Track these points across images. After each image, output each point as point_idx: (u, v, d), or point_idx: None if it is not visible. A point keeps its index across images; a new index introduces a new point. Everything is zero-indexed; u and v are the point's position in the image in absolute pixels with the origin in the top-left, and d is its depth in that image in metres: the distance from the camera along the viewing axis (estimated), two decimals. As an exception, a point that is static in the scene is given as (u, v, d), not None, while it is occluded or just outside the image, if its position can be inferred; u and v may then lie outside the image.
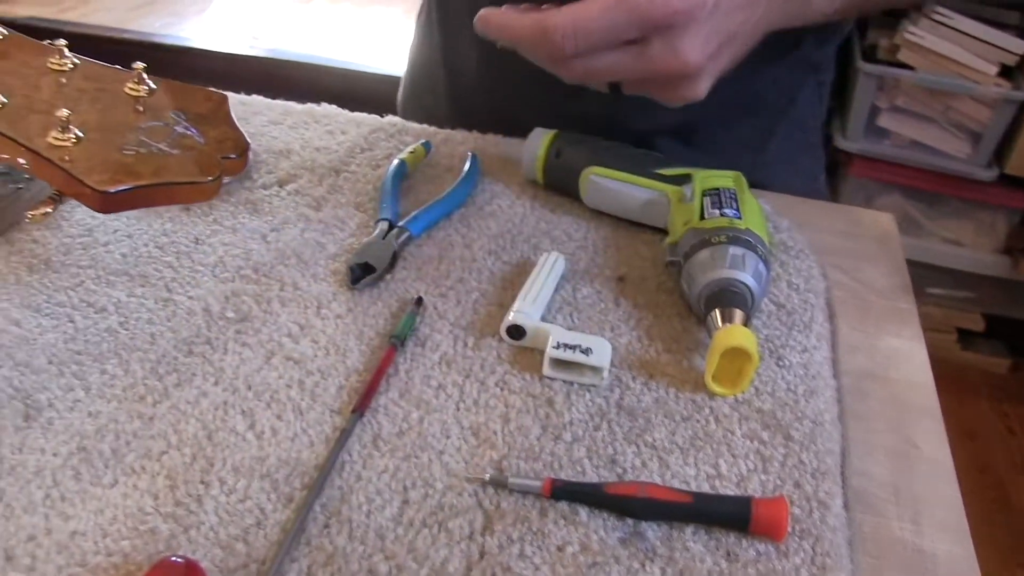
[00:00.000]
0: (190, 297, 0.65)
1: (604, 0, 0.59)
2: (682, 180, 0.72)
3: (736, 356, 0.58)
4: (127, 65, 0.61)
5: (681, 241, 0.67)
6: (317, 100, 0.92)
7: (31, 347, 0.61)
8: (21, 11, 4.19)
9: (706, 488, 0.53)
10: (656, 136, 0.88)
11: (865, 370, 0.65)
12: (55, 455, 0.54)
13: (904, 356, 0.67)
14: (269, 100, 0.91)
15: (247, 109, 0.89)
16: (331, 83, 3.68)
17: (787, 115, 0.92)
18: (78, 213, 0.72)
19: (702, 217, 0.67)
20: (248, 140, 0.57)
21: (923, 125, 2.01)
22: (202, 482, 0.52)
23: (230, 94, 0.89)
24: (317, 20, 3.97)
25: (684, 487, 0.53)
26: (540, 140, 0.78)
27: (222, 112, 0.58)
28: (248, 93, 0.91)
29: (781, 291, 0.69)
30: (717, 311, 0.61)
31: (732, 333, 0.58)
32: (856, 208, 0.84)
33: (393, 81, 1.15)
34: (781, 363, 0.62)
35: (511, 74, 0.91)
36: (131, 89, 0.58)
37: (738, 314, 0.61)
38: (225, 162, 0.55)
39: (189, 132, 0.56)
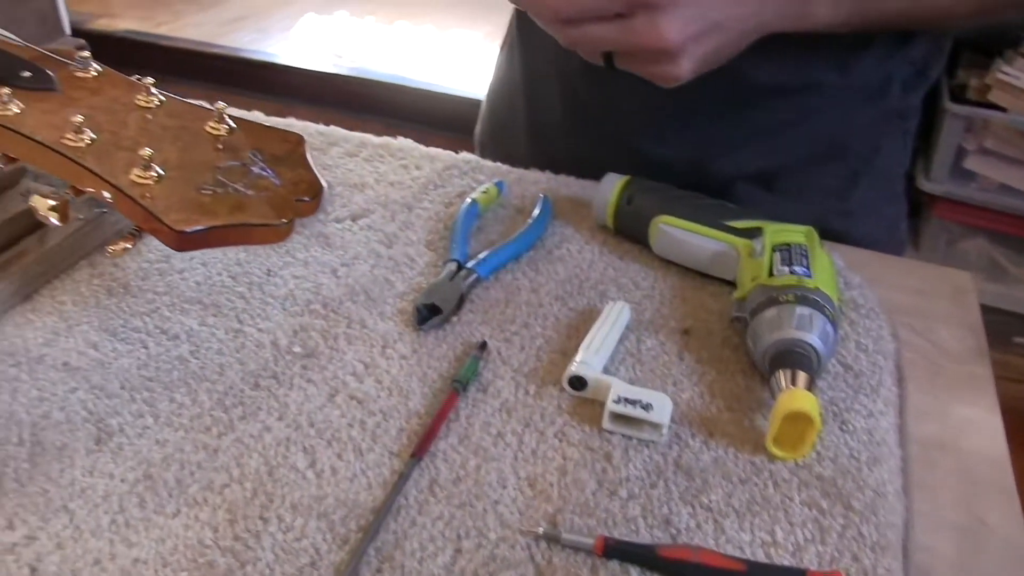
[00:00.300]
0: (259, 329, 0.66)
1: None
2: (753, 233, 0.72)
3: (798, 420, 0.57)
4: (215, 79, 0.63)
5: (749, 297, 0.67)
6: (397, 119, 0.94)
7: (106, 371, 0.63)
8: (120, 24, 4.32)
9: (760, 556, 0.52)
10: (737, 181, 0.88)
11: (934, 439, 0.63)
12: (123, 481, 0.55)
13: (977, 426, 0.65)
14: (347, 132, 0.92)
15: (324, 139, 0.91)
16: (412, 103, 3.72)
17: (871, 163, 0.91)
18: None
19: (771, 273, 0.66)
20: (323, 183, 0.57)
21: (1013, 168, 1.96)
22: (261, 518, 0.53)
23: (309, 124, 0.92)
24: (400, 40, 4.03)
25: (738, 553, 0.52)
26: (612, 185, 0.78)
27: (298, 154, 0.60)
28: (330, 110, 0.93)
29: (849, 351, 0.68)
30: (781, 372, 0.61)
31: (795, 397, 0.58)
32: (931, 265, 0.82)
33: (472, 103, 1.16)
34: (845, 428, 0.61)
35: (593, 113, 0.92)
36: (212, 128, 0.60)
37: (802, 376, 0.60)
38: (299, 204, 0.56)
39: (265, 173, 0.57)
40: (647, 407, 0.59)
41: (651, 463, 0.58)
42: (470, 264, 0.71)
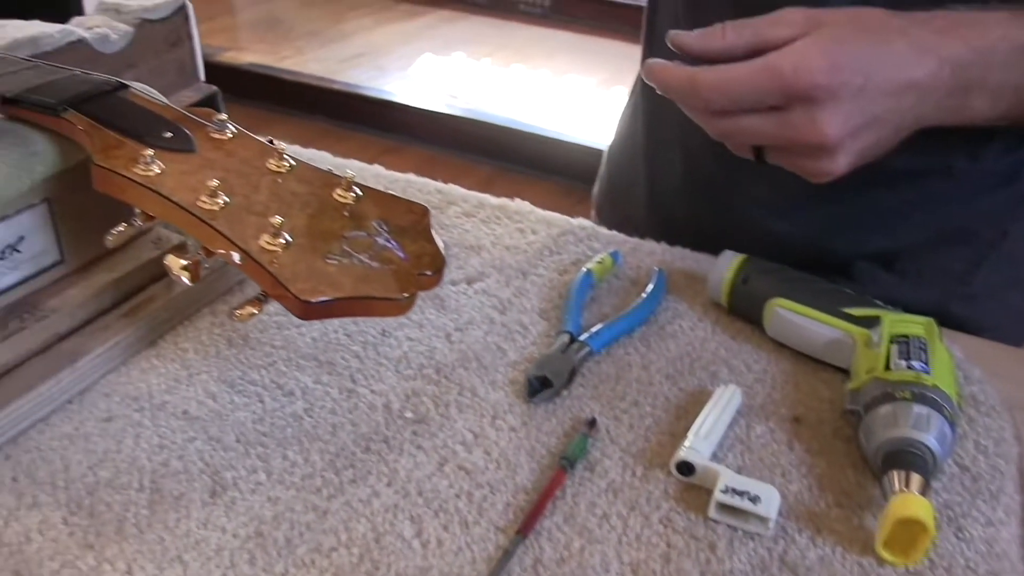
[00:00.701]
0: (372, 391, 0.68)
1: (753, 65, 0.63)
2: (871, 322, 0.70)
3: (911, 525, 0.56)
4: (332, 113, 0.65)
5: (863, 390, 0.65)
6: (508, 162, 0.95)
7: (223, 422, 0.65)
8: (245, 58, 4.47)
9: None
10: (857, 260, 0.87)
11: (1057, 553, 0.61)
12: (235, 536, 0.56)
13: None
14: (465, 191, 0.94)
15: (443, 198, 0.92)
16: (523, 146, 3.76)
17: (997, 248, 0.89)
18: (278, 292, 0.77)
19: (888, 367, 0.65)
20: (445, 257, 0.58)
21: None
22: (366, 587, 0.54)
23: (428, 181, 0.94)
24: (515, 84, 4.08)
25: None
26: (729, 263, 0.77)
27: (423, 225, 0.61)
28: (442, 149, 0.95)
29: (967, 452, 0.66)
30: (895, 473, 0.59)
31: (908, 501, 0.56)
32: (1059, 359, 0.80)
33: (583, 150, 1.18)
34: (961, 535, 0.59)
35: (714, 186, 0.92)
36: (339, 196, 0.62)
37: (916, 479, 0.58)
38: (421, 279, 0.57)
39: (390, 245, 0.58)
40: (755, 499, 0.58)
41: (756, 557, 0.57)
42: (583, 337, 0.72)
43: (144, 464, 0.61)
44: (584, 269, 0.79)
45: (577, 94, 3.96)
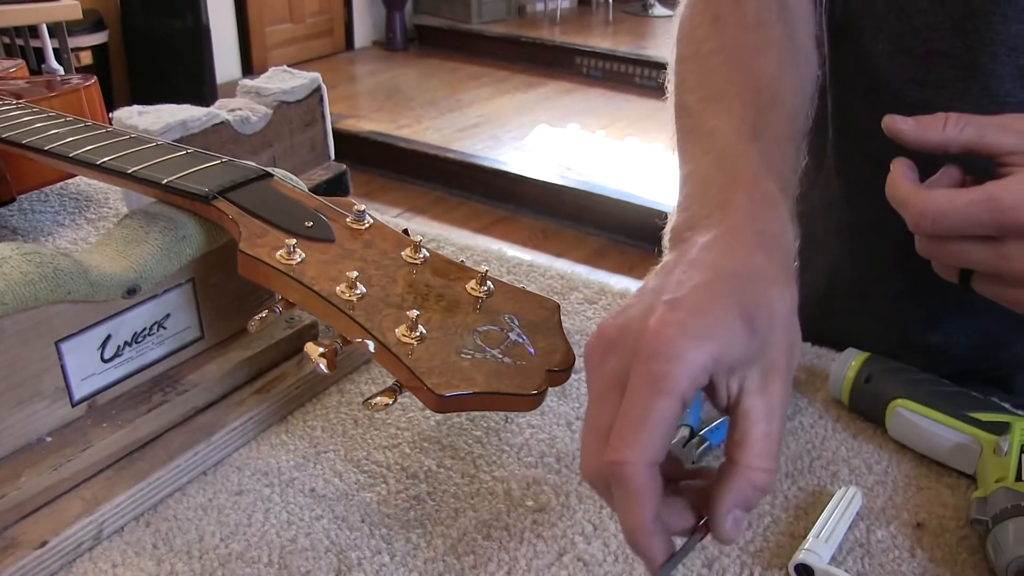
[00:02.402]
0: (494, 477, 0.69)
1: (973, 194, 0.60)
2: (999, 428, 0.69)
3: None
4: (447, 181, 0.67)
5: (991, 499, 0.64)
6: (622, 235, 0.96)
7: (349, 502, 0.67)
8: (366, 125, 4.61)
9: None
10: (1017, 374, 0.85)
11: None
12: (358, 619, 0.58)
13: None
14: (587, 277, 0.95)
15: (565, 284, 0.94)
16: (636, 219, 3.78)
17: None
18: (403, 373, 0.79)
19: (1019, 478, 0.64)
20: (575, 355, 0.60)
21: None
22: None
23: (552, 266, 0.96)
24: (628, 157, 4.11)
25: None
26: (851, 360, 0.77)
27: (553, 321, 0.62)
28: (555, 219, 0.96)
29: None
30: None
31: None
32: None
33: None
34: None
35: (857, 291, 0.91)
36: (472, 289, 0.64)
37: None
38: (552, 375, 0.58)
39: (521, 340, 0.60)
40: (877, 610, 0.57)
41: (878, 670, 0.56)
42: (703, 431, 0.72)
43: (273, 539, 0.63)
44: (704, 362, 0.79)
45: (690, 168, 3.96)
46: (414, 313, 0.58)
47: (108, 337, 0.70)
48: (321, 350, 0.61)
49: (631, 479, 0.48)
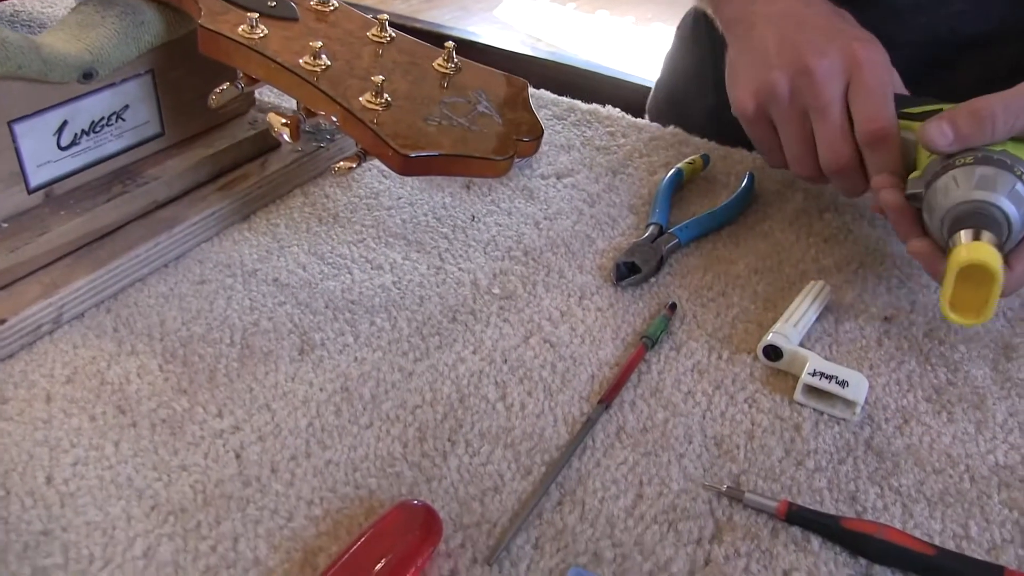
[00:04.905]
0: (460, 268, 0.68)
1: None
2: (932, 116, 0.63)
3: (978, 279, 0.52)
4: None
5: (925, 171, 0.60)
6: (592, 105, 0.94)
7: (312, 290, 0.66)
8: (331, -9, 4.51)
9: (951, 547, 0.51)
10: None
11: None
12: (321, 390, 0.57)
13: None
14: (556, 96, 0.94)
15: (534, 102, 0.91)
16: (606, 90, 3.73)
17: None
18: (367, 177, 0.77)
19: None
20: (543, 126, 0.58)
21: None
22: (449, 440, 0.54)
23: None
24: (598, 29, 4.04)
25: (927, 540, 0.50)
26: None
27: (522, 98, 0.61)
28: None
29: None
30: (960, 233, 0.54)
31: (973, 248, 0.52)
32: None
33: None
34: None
35: None
36: (439, 66, 0.62)
37: (986, 235, 0.53)
38: (519, 143, 0.57)
39: (488, 112, 0.58)
40: (843, 383, 0.57)
41: (841, 440, 0.57)
42: (672, 229, 0.71)
43: (235, 323, 0.62)
44: (675, 168, 0.78)
45: (660, 42, 3.91)
46: (380, 78, 0.56)
47: (64, 123, 0.67)
48: (284, 120, 0.59)
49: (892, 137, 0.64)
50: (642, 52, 3.79)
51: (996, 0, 0.81)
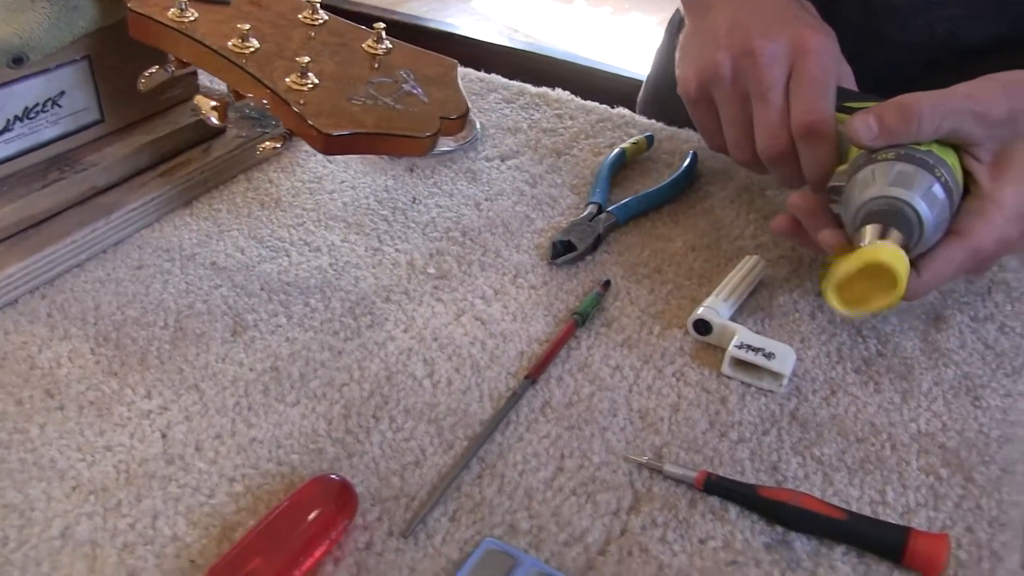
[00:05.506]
0: (397, 250, 0.68)
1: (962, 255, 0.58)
2: None
3: (875, 275, 0.51)
4: None
5: (849, 165, 0.59)
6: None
7: (249, 273, 0.66)
8: (306, -16, 4.49)
9: (867, 512, 0.51)
10: None
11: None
12: (251, 370, 0.58)
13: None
14: (506, 80, 0.94)
15: (484, 86, 0.92)
16: (582, 80, 3.73)
17: None
18: (311, 162, 0.78)
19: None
20: (469, 104, 0.59)
21: None
22: (374, 416, 0.55)
23: (470, 70, 0.94)
24: (575, 20, 4.04)
25: (844, 506, 0.51)
26: None
27: (450, 77, 0.61)
28: None
29: (990, 333, 0.65)
30: (867, 228, 0.53)
31: (880, 249, 0.51)
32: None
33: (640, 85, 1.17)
34: (977, 403, 0.59)
35: None
36: (369, 47, 0.62)
37: (894, 233, 0.52)
38: (444, 122, 0.57)
39: (415, 91, 0.59)
40: (769, 356, 0.58)
41: (766, 411, 0.57)
42: (610, 208, 0.72)
43: (170, 306, 0.62)
44: (617, 148, 0.79)
45: (638, 31, 3.90)
46: (305, 59, 0.57)
47: (-3, 109, 0.67)
48: (212, 103, 0.59)
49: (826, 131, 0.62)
50: (620, 42, 3.79)
51: (992, 9, 0.80)
